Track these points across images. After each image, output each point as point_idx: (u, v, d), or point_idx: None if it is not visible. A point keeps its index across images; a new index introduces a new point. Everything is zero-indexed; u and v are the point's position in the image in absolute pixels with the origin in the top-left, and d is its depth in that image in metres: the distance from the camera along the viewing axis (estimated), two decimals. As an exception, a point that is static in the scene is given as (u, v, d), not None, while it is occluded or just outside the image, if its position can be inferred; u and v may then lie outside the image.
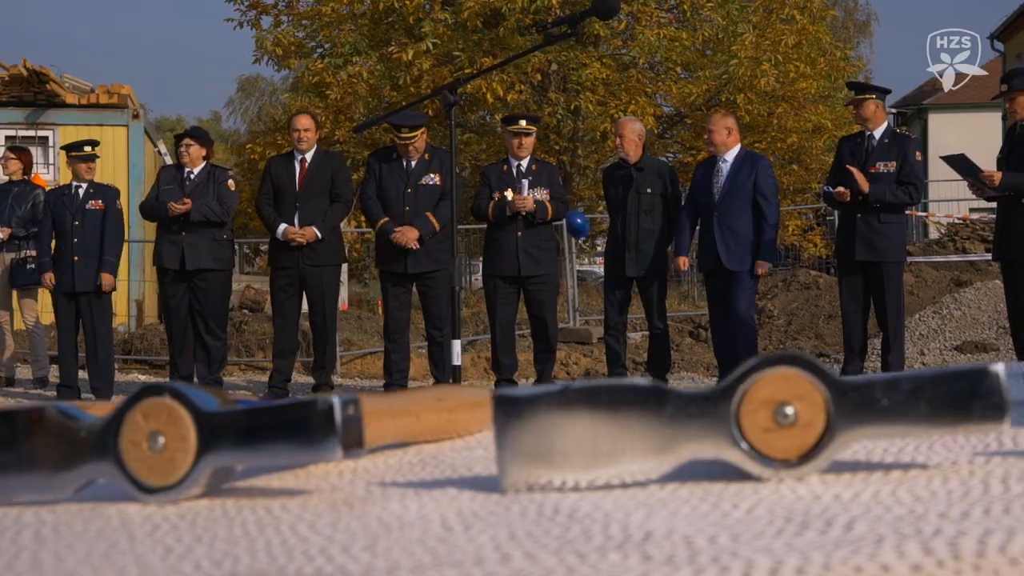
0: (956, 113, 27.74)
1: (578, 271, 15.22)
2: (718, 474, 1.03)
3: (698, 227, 7.98)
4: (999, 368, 1.01)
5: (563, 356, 10.56)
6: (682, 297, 16.26)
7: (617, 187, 8.06)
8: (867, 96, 7.80)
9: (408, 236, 7.88)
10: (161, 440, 1.06)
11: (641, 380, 1.04)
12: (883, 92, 8.02)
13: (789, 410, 1.01)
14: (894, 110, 27.75)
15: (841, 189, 7.49)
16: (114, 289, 8.71)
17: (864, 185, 7.44)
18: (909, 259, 11.32)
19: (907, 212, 9.22)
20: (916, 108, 30.06)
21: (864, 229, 7.55)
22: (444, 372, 7.65)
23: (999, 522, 0.78)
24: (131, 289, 14.00)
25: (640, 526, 0.82)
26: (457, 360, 5.75)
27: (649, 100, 16.52)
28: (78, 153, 8.63)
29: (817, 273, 14.04)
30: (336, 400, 1.03)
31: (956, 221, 15.89)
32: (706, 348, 11.04)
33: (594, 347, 11.12)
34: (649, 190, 7.93)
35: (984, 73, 16.07)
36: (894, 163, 7.59)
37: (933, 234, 19.15)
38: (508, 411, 1.04)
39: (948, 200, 17.81)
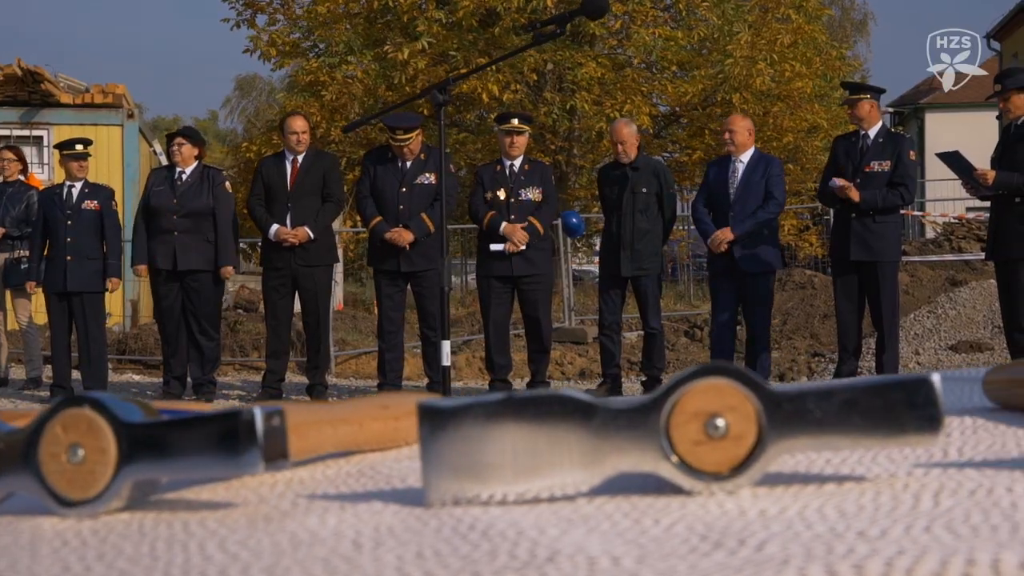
0: (953, 112, 27.70)
1: (574, 271, 15.19)
2: (651, 487, 1.01)
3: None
4: (935, 378, 0.99)
5: (558, 356, 10.55)
6: (678, 296, 16.24)
7: (612, 187, 8.06)
8: (862, 96, 7.79)
9: (404, 238, 7.88)
10: (81, 452, 1.04)
11: (569, 391, 1.01)
12: (878, 92, 8.01)
13: (720, 422, 0.99)
14: (891, 109, 27.74)
15: (843, 182, 7.46)
16: (115, 289, 8.81)
17: (854, 195, 7.43)
18: (904, 258, 11.30)
19: (903, 211, 9.20)
20: (913, 107, 30.04)
21: (859, 229, 7.54)
22: (438, 372, 7.63)
23: (916, 541, 0.76)
24: (126, 289, 13.97)
25: (549, 545, 0.80)
26: (447, 361, 5.74)
27: (645, 99, 16.49)
28: (70, 152, 8.62)
29: (812, 272, 14.05)
30: (258, 411, 1.01)
31: (952, 220, 15.88)
32: (701, 348, 11.03)
33: (589, 347, 11.10)
34: (644, 189, 7.93)
35: (984, 73, 16.06)
36: (888, 163, 7.58)
37: (929, 233, 19.15)
38: (434, 423, 1.02)
39: (944, 199, 17.78)
